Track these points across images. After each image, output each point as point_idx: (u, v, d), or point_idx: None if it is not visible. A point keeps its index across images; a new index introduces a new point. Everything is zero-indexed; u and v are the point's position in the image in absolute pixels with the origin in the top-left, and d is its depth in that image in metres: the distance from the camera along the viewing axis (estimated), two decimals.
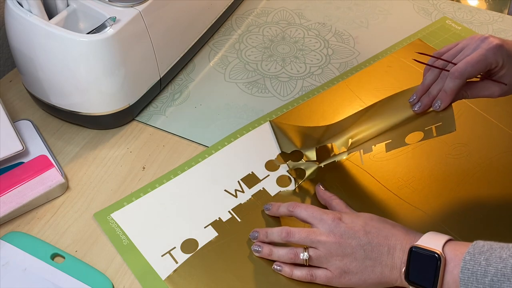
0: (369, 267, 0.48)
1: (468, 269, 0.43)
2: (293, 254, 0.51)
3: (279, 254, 0.52)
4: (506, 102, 0.71)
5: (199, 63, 0.76)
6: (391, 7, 0.88)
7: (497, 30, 0.83)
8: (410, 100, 0.58)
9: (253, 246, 0.53)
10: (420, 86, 0.58)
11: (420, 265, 0.46)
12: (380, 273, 0.48)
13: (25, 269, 0.50)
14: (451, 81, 0.53)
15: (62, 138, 0.64)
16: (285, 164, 0.62)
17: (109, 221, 0.55)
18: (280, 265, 0.52)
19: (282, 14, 0.86)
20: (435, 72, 0.57)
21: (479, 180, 0.61)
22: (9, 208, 0.54)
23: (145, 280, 0.51)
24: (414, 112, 0.57)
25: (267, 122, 0.66)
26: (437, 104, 0.55)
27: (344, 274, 0.49)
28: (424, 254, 0.45)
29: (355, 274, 0.49)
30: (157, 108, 0.69)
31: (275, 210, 0.56)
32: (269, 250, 0.52)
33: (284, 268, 0.51)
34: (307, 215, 0.52)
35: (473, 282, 0.42)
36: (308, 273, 0.50)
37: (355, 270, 0.49)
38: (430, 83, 0.57)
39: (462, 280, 0.43)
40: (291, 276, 0.51)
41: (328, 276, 0.50)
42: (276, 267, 0.52)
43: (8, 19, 0.58)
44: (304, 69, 0.76)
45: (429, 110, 0.57)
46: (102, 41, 0.56)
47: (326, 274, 0.50)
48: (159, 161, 0.62)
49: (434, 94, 0.56)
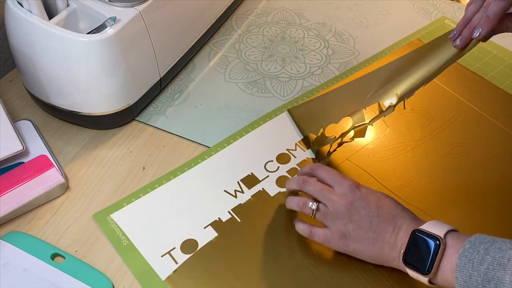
0: (370, 239, 0.49)
1: (466, 256, 0.43)
2: (303, 202, 0.53)
3: (290, 203, 0.54)
4: (505, 102, 0.71)
5: (199, 63, 0.76)
6: (391, 7, 0.88)
7: None
8: (451, 36, 0.57)
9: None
10: (461, 20, 0.56)
11: (419, 247, 0.46)
12: (379, 248, 0.49)
13: (25, 269, 0.50)
14: (496, 4, 0.51)
15: (62, 138, 0.64)
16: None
17: (109, 221, 0.55)
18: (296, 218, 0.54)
19: (282, 14, 0.86)
20: (478, 3, 0.55)
21: (478, 179, 0.61)
22: (9, 208, 0.54)
23: (145, 281, 0.51)
24: (455, 47, 0.56)
25: (266, 123, 0.66)
26: (478, 32, 0.53)
27: (344, 238, 0.50)
28: (425, 237, 0.46)
29: (355, 241, 0.50)
30: (157, 108, 0.69)
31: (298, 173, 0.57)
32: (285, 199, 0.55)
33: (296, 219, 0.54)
34: (327, 176, 0.53)
35: (468, 268, 0.42)
36: (308, 228, 0.52)
37: (355, 237, 0.50)
38: (471, 15, 0.55)
39: (458, 266, 0.43)
40: (296, 228, 0.53)
41: (327, 235, 0.51)
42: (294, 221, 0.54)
43: (8, 19, 0.58)
44: (304, 69, 0.76)
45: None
46: (102, 41, 0.56)
47: (325, 233, 0.51)
48: (159, 161, 0.62)
49: (475, 23, 0.54)
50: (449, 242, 0.45)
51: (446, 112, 0.69)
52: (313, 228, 0.52)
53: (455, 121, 0.68)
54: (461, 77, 0.74)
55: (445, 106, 0.70)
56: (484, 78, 0.74)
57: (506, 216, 0.58)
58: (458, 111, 0.69)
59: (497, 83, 0.73)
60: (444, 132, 0.66)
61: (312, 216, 0.52)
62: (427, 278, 0.46)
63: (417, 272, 0.46)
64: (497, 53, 0.79)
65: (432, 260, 0.45)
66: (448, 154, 0.64)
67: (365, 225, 0.49)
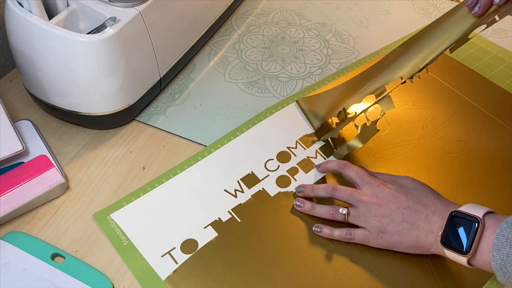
0: (405, 229, 0.51)
1: (503, 235, 0.44)
2: (334, 210, 0.54)
3: (320, 210, 0.55)
4: (506, 100, 0.71)
5: (199, 63, 0.76)
6: (391, 7, 0.88)
7: (497, 30, 0.84)
8: (468, 4, 0.56)
9: (296, 200, 0.57)
10: None
11: (458, 229, 0.47)
12: (416, 237, 0.50)
13: (25, 269, 0.50)
14: None
15: (62, 138, 0.64)
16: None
17: (109, 221, 0.55)
18: (319, 226, 0.55)
19: (282, 14, 0.86)
20: None
21: (479, 178, 0.61)
22: (9, 208, 0.54)
23: (145, 281, 0.51)
24: (474, 15, 0.55)
25: (266, 119, 0.66)
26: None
27: (381, 234, 0.52)
28: (464, 218, 0.47)
29: (392, 235, 0.51)
30: (157, 108, 0.69)
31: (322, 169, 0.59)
32: (311, 206, 0.56)
33: (323, 229, 0.54)
34: (355, 176, 0.55)
35: (506, 247, 0.43)
36: (347, 231, 0.53)
37: (391, 231, 0.51)
38: None
39: (495, 245, 0.44)
40: (331, 237, 0.54)
41: (366, 235, 0.52)
42: (316, 229, 0.55)
43: (8, 19, 0.58)
44: (304, 69, 0.76)
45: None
46: (102, 41, 0.56)
47: (364, 233, 0.53)
48: (159, 161, 0.62)
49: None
50: (488, 223, 0.46)
51: (448, 109, 0.69)
52: (351, 230, 0.53)
53: (457, 118, 0.68)
54: (462, 74, 0.74)
55: (446, 103, 0.70)
56: (484, 77, 0.74)
57: (508, 214, 0.57)
58: (459, 108, 0.69)
59: (497, 83, 0.73)
60: (445, 130, 0.66)
61: (345, 221, 0.54)
62: (466, 258, 0.46)
63: (456, 253, 0.47)
64: (497, 53, 0.79)
65: (471, 240, 0.46)
66: (449, 153, 0.64)
67: (397, 218, 0.51)
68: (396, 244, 0.52)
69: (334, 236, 0.54)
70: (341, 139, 0.63)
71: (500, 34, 0.83)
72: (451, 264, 0.53)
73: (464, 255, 0.46)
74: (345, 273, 0.52)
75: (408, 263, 0.53)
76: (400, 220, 0.51)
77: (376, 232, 0.52)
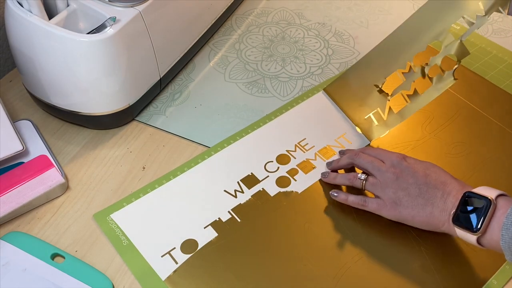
0: (420, 204, 0.52)
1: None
2: (353, 176, 0.57)
3: (341, 177, 0.58)
4: (505, 101, 0.71)
5: (199, 63, 0.76)
6: (391, 7, 0.88)
7: (497, 30, 0.84)
8: None
9: (322, 173, 0.60)
10: None
11: (470, 207, 0.48)
12: (429, 213, 0.51)
13: (25, 269, 0.50)
14: None
15: (62, 138, 0.64)
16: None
17: (109, 221, 0.55)
18: (337, 192, 0.57)
19: (282, 14, 0.86)
20: None
21: (478, 179, 0.61)
22: (9, 208, 0.54)
23: (145, 281, 0.51)
24: None
25: (266, 124, 0.66)
26: None
27: (395, 205, 0.53)
28: (477, 198, 0.48)
29: (405, 208, 0.52)
30: (157, 108, 0.69)
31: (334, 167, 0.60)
32: (335, 175, 0.59)
33: (340, 194, 0.57)
34: (375, 152, 0.57)
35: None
36: (361, 198, 0.55)
37: (406, 204, 0.52)
38: None
39: (505, 224, 0.45)
40: (346, 201, 0.56)
41: (380, 204, 0.54)
42: (333, 193, 0.57)
43: (8, 19, 0.58)
44: (304, 69, 0.76)
45: None
46: (102, 41, 0.56)
47: (378, 202, 0.54)
48: (159, 161, 0.62)
49: None
50: (500, 204, 0.47)
51: (447, 111, 0.69)
52: (366, 198, 0.55)
53: (455, 120, 0.68)
54: (461, 76, 0.74)
55: (445, 105, 0.70)
56: (484, 78, 0.74)
57: None
58: (458, 110, 0.69)
59: (496, 83, 0.73)
60: (445, 132, 0.66)
61: (362, 188, 0.56)
62: (475, 236, 0.47)
63: (467, 231, 0.47)
64: (497, 53, 0.79)
65: (482, 219, 0.46)
66: (448, 154, 0.64)
67: (414, 192, 0.52)
68: (409, 218, 0.53)
69: (348, 201, 0.56)
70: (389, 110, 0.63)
71: (500, 34, 0.83)
72: (452, 264, 0.53)
73: (474, 233, 0.47)
74: (345, 273, 0.52)
75: (409, 263, 0.53)
76: (416, 195, 0.52)
77: (390, 203, 0.53)
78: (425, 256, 0.54)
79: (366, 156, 0.57)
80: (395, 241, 0.55)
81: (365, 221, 0.57)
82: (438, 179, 0.52)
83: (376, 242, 0.55)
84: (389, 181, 0.53)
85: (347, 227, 0.56)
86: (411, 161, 0.54)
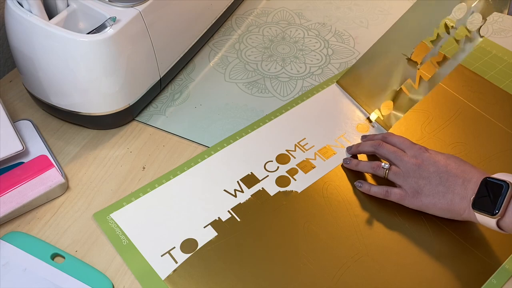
0: (440, 192, 0.53)
1: None
2: (376, 164, 0.58)
3: (363, 165, 0.60)
4: (504, 101, 0.71)
5: (199, 63, 0.76)
6: (391, 7, 0.88)
7: (497, 30, 0.84)
8: None
9: (344, 159, 0.62)
10: None
11: (489, 192, 0.49)
12: (450, 200, 0.53)
13: (25, 269, 0.50)
14: None
15: (62, 138, 0.64)
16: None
17: (109, 221, 0.55)
18: (361, 182, 0.59)
19: (282, 14, 0.86)
20: None
21: None
22: (9, 208, 0.54)
23: (144, 280, 0.51)
24: None
25: (266, 124, 0.66)
26: None
27: (417, 194, 0.54)
28: (495, 182, 0.49)
29: (427, 196, 0.54)
30: (157, 108, 0.69)
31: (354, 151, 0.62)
32: (357, 162, 0.61)
33: (364, 185, 0.59)
34: (398, 142, 0.59)
35: None
36: (384, 189, 0.57)
37: (427, 192, 0.54)
38: None
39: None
40: (369, 192, 0.58)
41: (402, 194, 0.55)
42: (358, 184, 0.59)
43: (8, 19, 0.58)
44: (304, 69, 0.76)
45: None
46: (102, 41, 0.56)
47: (400, 191, 0.56)
48: (159, 161, 0.62)
49: None
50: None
51: (446, 111, 0.69)
52: (389, 188, 0.57)
53: (455, 120, 0.68)
54: (461, 76, 0.74)
55: (444, 105, 0.70)
56: (483, 78, 0.74)
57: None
58: (457, 111, 0.69)
59: (496, 83, 0.73)
60: (444, 132, 0.66)
61: (385, 176, 0.57)
62: (495, 219, 0.48)
63: (486, 215, 0.49)
64: (497, 53, 0.79)
65: (500, 202, 0.48)
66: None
67: (435, 180, 0.53)
68: (430, 206, 0.54)
69: (371, 192, 0.58)
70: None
71: (500, 34, 0.83)
72: (451, 264, 0.53)
73: (493, 216, 0.48)
74: (345, 273, 0.52)
75: (408, 263, 0.53)
76: (437, 183, 0.53)
77: (412, 192, 0.55)
78: (424, 256, 0.54)
79: (389, 146, 0.58)
80: (394, 240, 0.55)
81: (364, 220, 0.57)
82: (458, 167, 0.53)
83: (376, 241, 0.55)
84: (411, 170, 0.55)
85: (347, 226, 0.56)
86: (432, 152, 0.56)
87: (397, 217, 0.57)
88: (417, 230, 0.56)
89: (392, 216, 0.57)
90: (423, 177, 0.54)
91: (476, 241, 0.55)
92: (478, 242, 0.55)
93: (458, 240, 0.55)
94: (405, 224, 0.56)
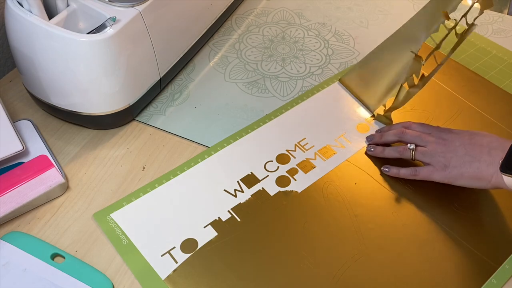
0: (467, 162, 0.55)
1: None
2: (402, 148, 0.60)
3: (389, 151, 0.61)
4: (505, 101, 0.71)
5: (199, 63, 0.76)
6: (391, 7, 0.88)
7: (497, 30, 0.84)
8: None
9: (368, 147, 0.63)
10: None
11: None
12: (477, 168, 0.54)
13: (25, 269, 0.50)
14: None
15: (62, 138, 0.64)
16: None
17: (109, 221, 0.55)
18: (388, 167, 0.61)
19: (282, 14, 0.86)
20: None
21: None
22: (9, 208, 0.54)
23: (145, 280, 0.51)
24: None
25: (266, 124, 0.66)
26: None
27: (445, 167, 0.56)
28: None
29: (454, 167, 0.56)
30: (157, 108, 0.69)
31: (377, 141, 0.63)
32: (382, 149, 0.62)
33: (392, 169, 0.61)
34: (421, 128, 0.61)
35: None
36: (412, 169, 0.59)
37: (454, 164, 0.56)
38: None
39: None
40: (397, 175, 0.60)
41: (430, 170, 0.57)
42: (385, 169, 0.61)
43: (8, 19, 0.58)
44: (304, 69, 0.76)
45: None
46: (102, 41, 0.56)
47: (428, 168, 0.58)
48: (159, 161, 0.62)
49: None
50: None
51: (446, 111, 0.69)
52: (417, 168, 0.59)
53: (455, 120, 0.68)
54: (461, 76, 0.74)
55: (444, 105, 0.70)
56: (483, 78, 0.74)
57: (506, 214, 0.58)
58: (457, 111, 0.69)
59: (496, 83, 0.73)
60: None
61: (412, 158, 0.59)
62: None
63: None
64: (497, 53, 0.79)
65: None
66: None
67: (461, 152, 0.56)
68: (458, 176, 0.55)
69: (400, 174, 0.60)
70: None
71: (500, 34, 0.83)
72: (451, 264, 0.53)
73: None
74: (345, 272, 0.52)
75: (407, 263, 0.53)
76: (463, 154, 0.55)
77: (440, 166, 0.56)
78: (424, 256, 0.54)
79: (412, 131, 0.60)
80: (394, 240, 0.55)
81: (364, 220, 0.57)
82: (483, 139, 0.55)
83: (376, 241, 0.55)
84: (438, 148, 0.57)
85: (347, 226, 0.56)
86: (455, 131, 0.58)
87: (397, 217, 0.57)
88: (417, 230, 0.56)
89: (392, 216, 0.57)
90: (450, 150, 0.56)
91: (476, 241, 0.55)
92: (478, 242, 0.55)
93: (458, 240, 0.55)
94: (405, 224, 0.56)
